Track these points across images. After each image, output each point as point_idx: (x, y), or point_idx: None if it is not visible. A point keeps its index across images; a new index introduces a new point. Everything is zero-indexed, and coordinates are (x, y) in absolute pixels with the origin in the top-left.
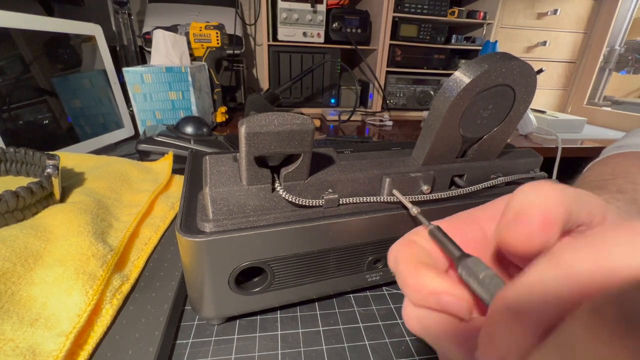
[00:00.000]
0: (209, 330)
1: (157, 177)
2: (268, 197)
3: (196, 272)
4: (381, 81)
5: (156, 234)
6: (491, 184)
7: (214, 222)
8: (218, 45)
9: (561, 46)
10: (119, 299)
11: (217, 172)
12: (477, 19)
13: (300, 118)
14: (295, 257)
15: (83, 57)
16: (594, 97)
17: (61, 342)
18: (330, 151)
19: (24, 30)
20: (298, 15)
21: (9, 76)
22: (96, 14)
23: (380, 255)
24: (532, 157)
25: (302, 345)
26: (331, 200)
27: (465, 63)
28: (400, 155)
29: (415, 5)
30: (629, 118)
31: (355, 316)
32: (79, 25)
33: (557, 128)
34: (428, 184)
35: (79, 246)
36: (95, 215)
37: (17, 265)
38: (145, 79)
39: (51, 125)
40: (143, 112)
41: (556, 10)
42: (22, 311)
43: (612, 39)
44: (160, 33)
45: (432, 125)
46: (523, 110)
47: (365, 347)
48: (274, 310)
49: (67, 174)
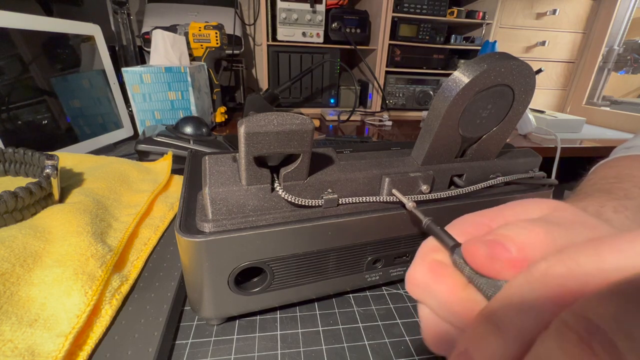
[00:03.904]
0: (208, 331)
1: (156, 177)
2: (267, 197)
3: (195, 272)
4: (380, 81)
5: (155, 234)
6: (490, 183)
7: (213, 222)
8: (217, 45)
9: (560, 46)
10: (118, 300)
11: (217, 172)
12: (476, 19)
13: (300, 118)
14: (295, 257)
15: (82, 57)
16: (593, 97)
17: (60, 343)
18: (330, 151)
19: (22, 30)
20: (297, 15)
21: (7, 76)
22: (95, 14)
23: (380, 255)
24: (531, 156)
25: (302, 346)
26: (330, 200)
27: (464, 63)
28: (399, 155)
29: (414, 5)
30: (627, 118)
31: (354, 316)
32: (78, 25)
33: (556, 128)
34: (427, 184)
35: (78, 246)
36: (95, 216)
37: (16, 266)
38: (145, 79)
39: (50, 126)
40: (142, 112)
41: (555, 10)
42: (21, 312)
43: (611, 39)
44: (159, 33)
45: (432, 125)
46: (522, 110)
47: (364, 347)
48: (274, 311)
49: (66, 175)
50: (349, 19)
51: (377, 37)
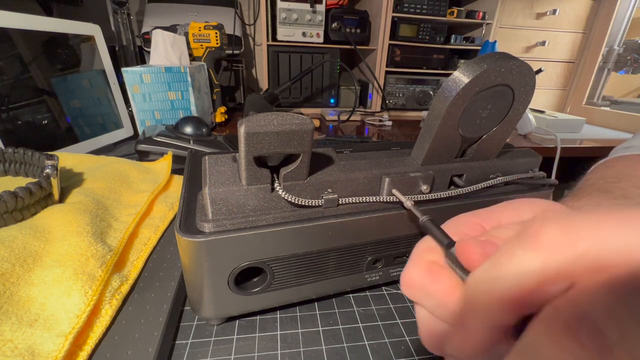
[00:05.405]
0: (208, 331)
1: (156, 177)
2: (267, 197)
3: (195, 272)
4: (380, 81)
5: (155, 234)
6: (490, 183)
7: (213, 222)
8: (217, 45)
9: (560, 46)
10: (118, 300)
11: (217, 172)
12: (476, 19)
13: (300, 118)
14: (295, 257)
15: (82, 57)
16: (593, 97)
17: (60, 343)
18: (330, 151)
19: (22, 30)
20: (297, 15)
21: (7, 76)
22: (95, 14)
23: (380, 255)
24: (531, 156)
25: (302, 346)
26: (330, 200)
27: (464, 63)
28: (399, 155)
29: (414, 5)
30: (627, 118)
31: (354, 316)
32: (78, 25)
33: (556, 128)
34: (427, 184)
35: (78, 246)
36: (95, 216)
37: (16, 266)
38: (145, 79)
39: (50, 126)
40: (142, 112)
41: (555, 10)
42: (21, 312)
43: (611, 38)
44: (159, 33)
45: (431, 125)
46: (522, 110)
47: (364, 347)
48: (274, 311)
49: (66, 175)
50: (349, 19)
51: (377, 37)
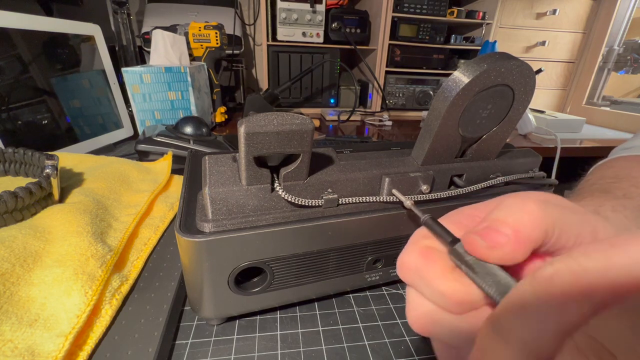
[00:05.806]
0: (208, 331)
1: (156, 177)
2: (267, 197)
3: (195, 272)
4: (380, 81)
5: (155, 234)
6: (490, 183)
7: (213, 222)
8: (217, 45)
9: (560, 46)
10: (118, 300)
11: (217, 172)
12: (476, 19)
13: (300, 118)
14: (295, 257)
15: (82, 57)
16: (593, 97)
17: (60, 343)
18: (330, 151)
19: (22, 30)
20: (297, 15)
21: (7, 76)
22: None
23: (380, 255)
24: (531, 156)
25: (302, 346)
26: (330, 200)
27: (464, 63)
28: (399, 155)
29: (414, 5)
30: (627, 118)
31: (354, 316)
32: (77, 25)
33: (556, 128)
34: (427, 184)
35: (78, 246)
36: (95, 216)
37: (16, 266)
38: (145, 79)
39: (50, 126)
40: (142, 112)
41: (555, 10)
42: (21, 312)
43: (611, 38)
44: (159, 33)
45: (431, 125)
46: (522, 110)
47: (364, 347)
48: (274, 311)
49: (66, 175)
50: (349, 19)
51: (377, 37)
